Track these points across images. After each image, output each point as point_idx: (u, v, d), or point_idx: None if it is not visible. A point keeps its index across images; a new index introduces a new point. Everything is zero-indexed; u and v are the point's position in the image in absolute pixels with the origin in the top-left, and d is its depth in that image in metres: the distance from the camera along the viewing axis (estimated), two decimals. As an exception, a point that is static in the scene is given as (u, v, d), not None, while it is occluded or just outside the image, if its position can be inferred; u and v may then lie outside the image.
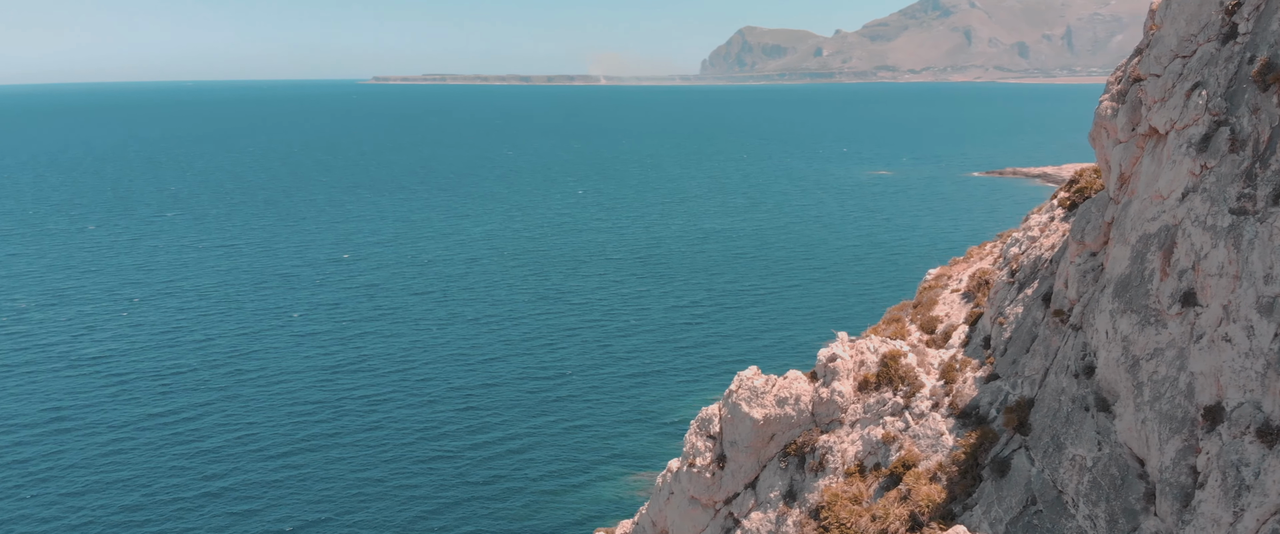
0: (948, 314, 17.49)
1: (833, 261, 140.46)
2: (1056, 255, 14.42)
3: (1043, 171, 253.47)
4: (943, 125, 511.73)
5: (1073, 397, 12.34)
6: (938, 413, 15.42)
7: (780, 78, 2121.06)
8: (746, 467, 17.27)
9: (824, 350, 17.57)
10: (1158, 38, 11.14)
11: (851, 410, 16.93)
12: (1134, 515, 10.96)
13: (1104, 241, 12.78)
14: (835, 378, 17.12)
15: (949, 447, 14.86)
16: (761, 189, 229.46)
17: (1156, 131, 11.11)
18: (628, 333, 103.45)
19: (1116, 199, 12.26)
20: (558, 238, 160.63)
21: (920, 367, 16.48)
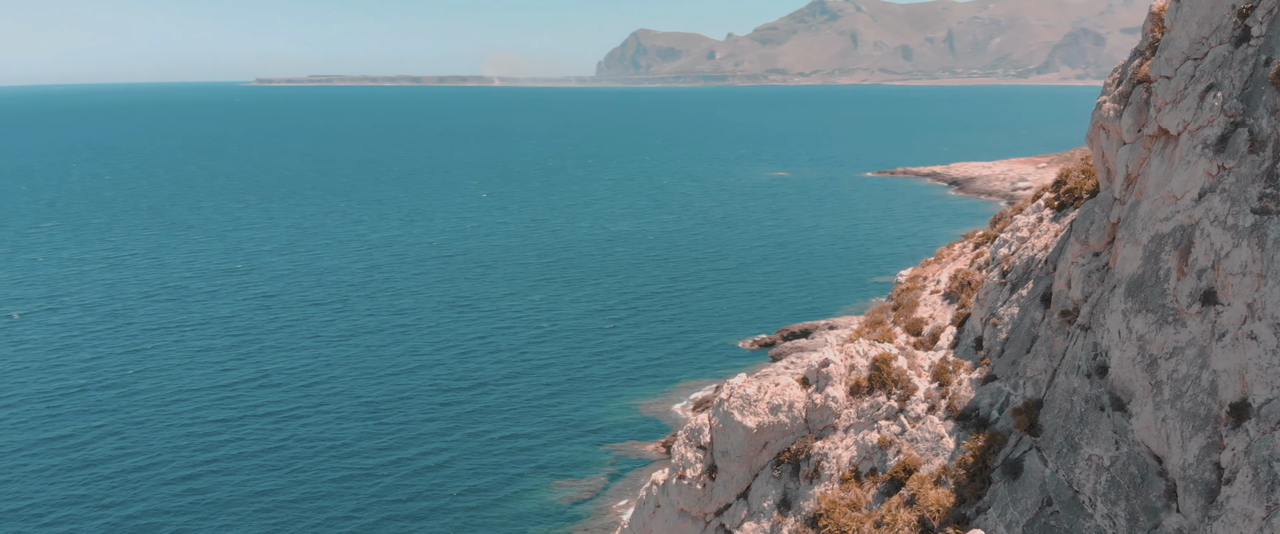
0: (932, 316, 17.52)
1: (741, 262, 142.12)
2: (1051, 256, 14.57)
3: (932, 170, 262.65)
4: (834, 127, 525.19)
5: (1085, 397, 12.41)
6: (935, 416, 15.39)
7: (675, 80, 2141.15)
8: (738, 476, 16.95)
9: (815, 355, 17.33)
10: (1168, 41, 11.29)
11: (845, 416, 16.77)
12: (1155, 513, 11.07)
13: (1108, 241, 12.92)
14: (829, 383, 16.93)
15: (950, 450, 14.82)
16: (665, 191, 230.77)
17: (1167, 133, 11.27)
18: (542, 339, 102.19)
19: (1122, 199, 12.40)
20: (462, 243, 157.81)
21: (912, 369, 16.42)
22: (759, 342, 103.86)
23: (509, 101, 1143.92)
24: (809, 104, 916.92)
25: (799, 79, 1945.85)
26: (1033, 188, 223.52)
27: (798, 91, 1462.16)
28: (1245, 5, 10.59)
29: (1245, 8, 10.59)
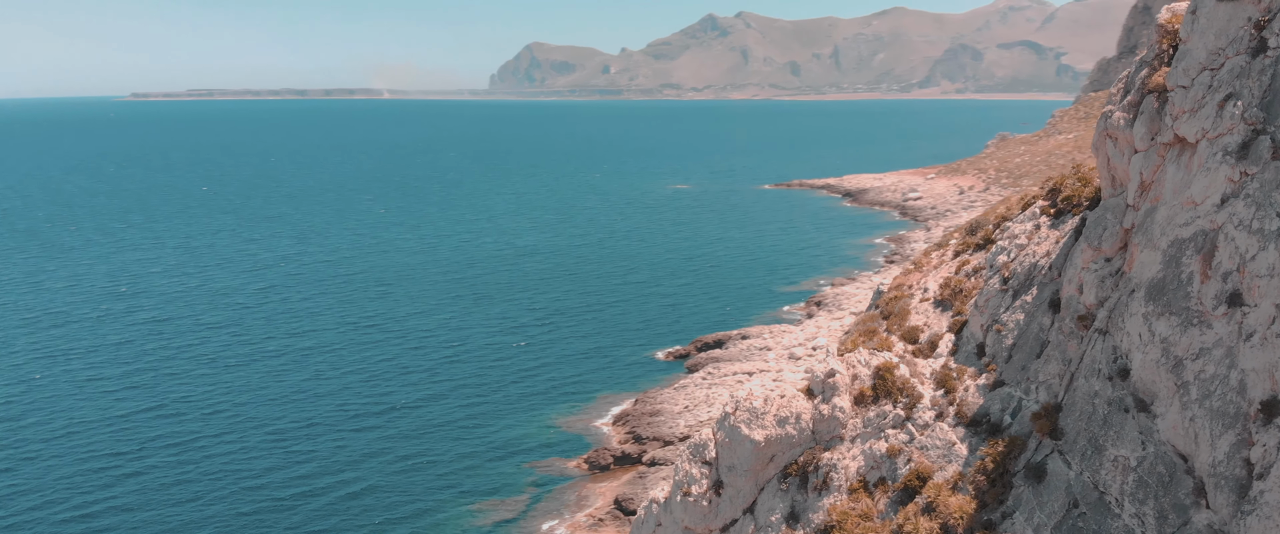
0: (927, 324, 17.70)
1: (651, 275, 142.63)
2: (1055, 262, 14.92)
3: (826, 183, 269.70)
4: (730, 140, 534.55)
5: (1108, 399, 12.69)
6: (944, 423, 15.51)
7: (571, 94, 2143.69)
8: (745, 491, 16.75)
9: (820, 365, 17.29)
10: (1185, 52, 11.72)
11: (851, 426, 16.76)
12: (1184, 510, 11.41)
13: (1120, 247, 13.29)
14: (835, 393, 16.89)
15: (964, 456, 14.95)
16: (569, 204, 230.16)
17: (1184, 140, 11.68)
18: (454, 359, 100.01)
19: (1136, 205, 12.79)
20: (361, 260, 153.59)
21: (914, 377, 16.58)
22: (674, 353, 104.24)
23: (401, 114, 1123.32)
24: (704, 118, 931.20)
25: (693, 93, 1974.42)
26: (922, 196, 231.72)
27: (692, 106, 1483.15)
28: (1261, 18, 11.10)
29: (1261, 20, 11.10)
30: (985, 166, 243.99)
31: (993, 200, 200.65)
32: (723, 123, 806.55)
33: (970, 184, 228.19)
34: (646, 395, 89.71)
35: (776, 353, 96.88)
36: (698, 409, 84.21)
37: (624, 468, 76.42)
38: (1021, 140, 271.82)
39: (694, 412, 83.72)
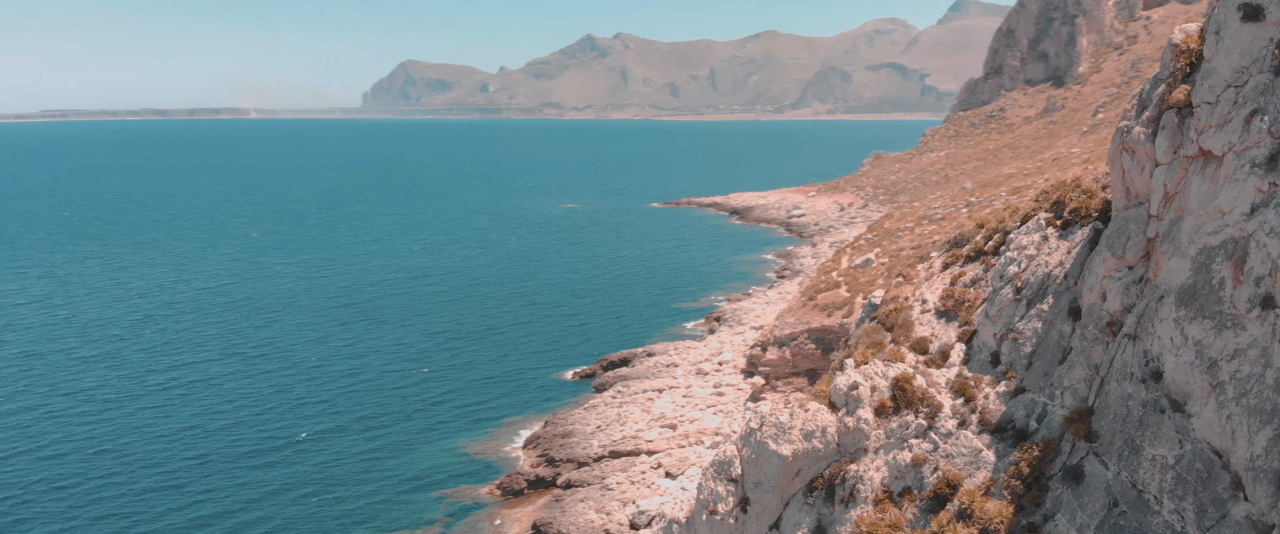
0: (934, 334, 18.01)
1: (550, 295, 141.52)
2: (1070, 271, 15.47)
3: (713, 201, 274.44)
4: (616, 159, 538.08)
5: (1142, 401, 13.21)
6: (967, 431, 15.78)
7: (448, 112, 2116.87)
8: (771, 507, 16.59)
9: (842, 379, 17.31)
10: (1209, 70, 12.43)
11: (874, 437, 16.89)
12: (1222, 504, 12.00)
13: (1143, 256, 13.92)
14: (859, 406, 16.96)
15: (991, 462, 15.27)
16: (457, 224, 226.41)
17: (1209, 153, 12.36)
18: (352, 388, 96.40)
19: (1160, 216, 13.43)
20: (242, 287, 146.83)
21: (931, 387, 16.83)
22: (580, 373, 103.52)
23: (269, 134, 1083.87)
24: (587, 137, 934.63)
25: (574, 113, 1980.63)
26: (805, 213, 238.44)
27: (574, 125, 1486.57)
28: (1282, 38, 11.94)
29: (1282, 40, 11.94)
30: (863, 184, 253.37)
31: (872, 216, 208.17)
32: (606, 142, 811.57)
33: (850, 201, 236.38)
34: (556, 417, 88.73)
35: (684, 369, 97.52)
36: (610, 429, 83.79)
37: (539, 492, 75.28)
38: (895, 158, 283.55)
39: (607, 431, 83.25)
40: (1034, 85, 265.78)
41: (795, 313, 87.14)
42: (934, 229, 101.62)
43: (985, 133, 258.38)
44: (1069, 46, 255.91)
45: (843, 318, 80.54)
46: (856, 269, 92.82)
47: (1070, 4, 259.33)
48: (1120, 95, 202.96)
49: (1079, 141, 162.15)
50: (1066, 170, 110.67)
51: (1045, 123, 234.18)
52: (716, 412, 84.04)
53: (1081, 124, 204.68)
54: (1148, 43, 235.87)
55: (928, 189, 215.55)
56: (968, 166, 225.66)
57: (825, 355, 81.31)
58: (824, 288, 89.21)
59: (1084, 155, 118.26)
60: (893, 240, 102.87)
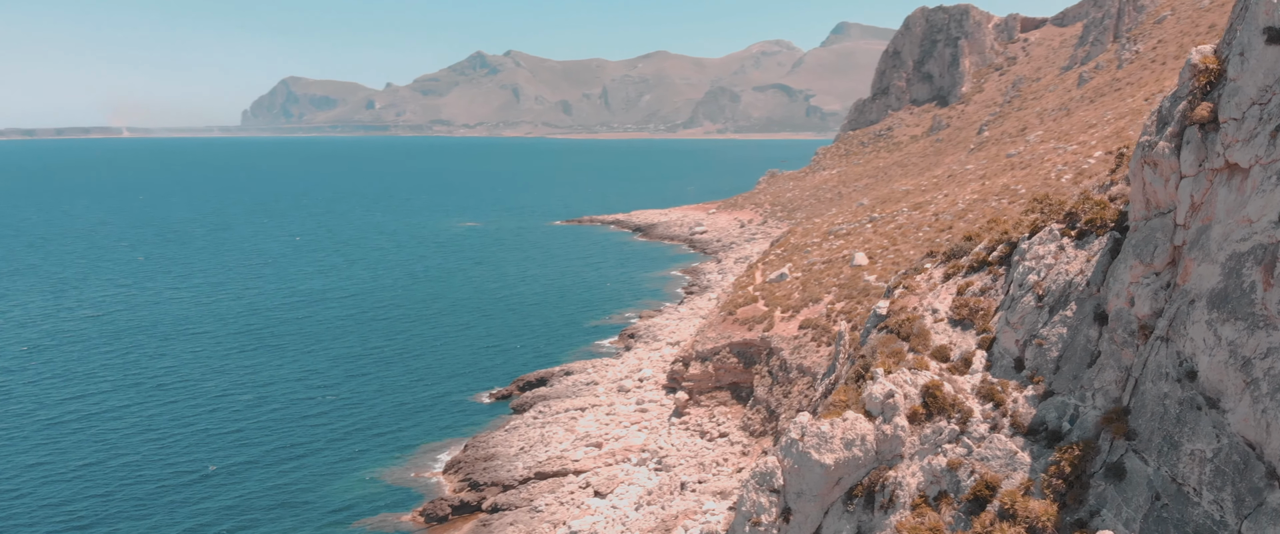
0: (952, 342, 18.51)
1: (458, 315, 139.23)
2: (1093, 278, 16.23)
3: (616, 218, 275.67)
4: (512, 177, 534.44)
5: (1179, 400, 14.00)
6: (1000, 434, 16.30)
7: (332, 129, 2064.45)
8: (812, 517, 16.70)
9: (877, 387, 17.61)
10: (1235, 89, 13.38)
11: (909, 443, 17.27)
12: (1258, 493, 12.87)
13: (1170, 262, 14.78)
14: (895, 413, 17.31)
15: (1027, 463, 15.84)
16: (354, 245, 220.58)
17: (1235, 166, 13.30)
18: (256, 417, 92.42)
19: (1186, 225, 14.32)
20: (130, 314, 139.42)
21: (958, 393, 17.31)
22: (496, 394, 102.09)
23: (144, 154, 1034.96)
24: (480, 155, 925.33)
25: (464, 130, 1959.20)
26: (708, 229, 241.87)
27: (465, 142, 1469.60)
28: (1304, 59, 12.97)
29: (1305, 61, 12.97)
30: (760, 201, 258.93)
31: (772, 232, 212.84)
32: (500, 159, 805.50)
33: (749, 217, 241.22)
34: (477, 440, 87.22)
35: (605, 386, 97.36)
36: (534, 449, 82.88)
37: (464, 517, 73.82)
38: (790, 176, 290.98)
39: (531, 452, 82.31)
40: (919, 105, 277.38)
41: (715, 328, 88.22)
42: (841, 244, 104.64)
43: (874, 151, 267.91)
44: (952, 68, 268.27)
45: (763, 331, 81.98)
46: (772, 283, 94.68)
47: (953, 27, 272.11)
48: (1003, 113, 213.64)
49: (969, 158, 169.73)
50: (964, 186, 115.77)
51: (932, 141, 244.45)
52: (641, 428, 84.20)
53: (967, 142, 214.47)
54: (1026, 63, 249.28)
55: (823, 205, 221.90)
56: (859, 184, 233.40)
57: (747, 369, 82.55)
58: (742, 303, 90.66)
59: (979, 172, 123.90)
60: (803, 255, 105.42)
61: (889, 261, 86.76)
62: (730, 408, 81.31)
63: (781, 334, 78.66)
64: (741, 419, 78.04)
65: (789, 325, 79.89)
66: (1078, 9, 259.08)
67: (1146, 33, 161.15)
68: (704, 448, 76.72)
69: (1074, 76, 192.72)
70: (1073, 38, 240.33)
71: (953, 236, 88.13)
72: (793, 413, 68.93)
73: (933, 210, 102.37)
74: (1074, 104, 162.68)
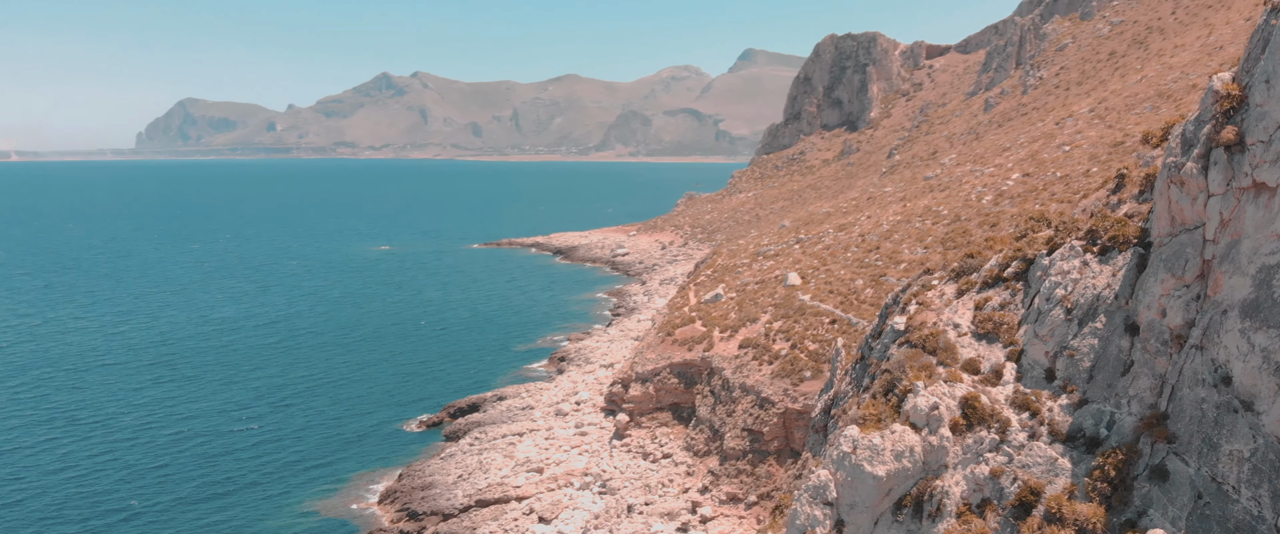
0: (980, 355, 19.16)
1: (380, 342, 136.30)
2: (1120, 292, 17.12)
3: (535, 241, 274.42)
4: (425, 200, 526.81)
5: (1216, 404, 14.93)
6: (1039, 442, 16.98)
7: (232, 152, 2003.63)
8: (863, 527, 16.95)
9: (923, 400, 18.05)
10: (1262, 113, 14.45)
11: (953, 453, 17.78)
12: (1294, 489, 13.90)
13: (1199, 275, 15.76)
14: (940, 424, 17.80)
15: (1068, 469, 16.57)
16: (265, 271, 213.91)
17: (1263, 185, 14.35)
18: (179, 451, 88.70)
19: (1216, 240, 15.32)
20: (34, 346, 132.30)
21: (994, 404, 17.91)
22: (427, 422, 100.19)
23: (34, 178, 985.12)
24: (387, 178, 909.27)
25: (370, 153, 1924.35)
26: (629, 251, 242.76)
27: (370, 165, 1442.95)
28: (1326, 86, 14.12)
29: (1325, 88, 14.12)
30: (680, 223, 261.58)
31: (693, 253, 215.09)
32: (410, 182, 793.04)
33: (670, 239, 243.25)
34: (412, 469, 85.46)
35: (541, 411, 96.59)
36: (474, 477, 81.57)
37: (406, 548, 72.32)
38: (707, 199, 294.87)
39: (470, 480, 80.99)
40: (830, 130, 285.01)
41: (655, 349, 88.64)
42: (772, 264, 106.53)
43: (789, 174, 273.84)
44: (861, 94, 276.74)
45: (703, 351, 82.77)
46: (707, 304, 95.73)
47: (861, 54, 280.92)
48: (912, 138, 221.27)
49: (883, 181, 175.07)
50: (885, 208, 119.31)
51: (843, 164, 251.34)
52: (582, 452, 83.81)
53: (879, 165, 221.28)
54: (932, 89, 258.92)
55: (741, 227, 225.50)
56: (776, 206, 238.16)
57: (688, 389, 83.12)
58: (680, 323, 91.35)
59: (899, 194, 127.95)
60: (735, 276, 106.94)
61: (821, 281, 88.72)
62: (672, 428, 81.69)
63: (722, 354, 79.55)
64: (684, 439, 78.48)
65: (729, 345, 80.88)
66: (980, 37, 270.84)
67: (1049, 60, 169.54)
68: (648, 469, 76.84)
69: (980, 102, 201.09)
70: (976, 64, 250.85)
71: (881, 256, 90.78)
72: (738, 431, 69.74)
73: (857, 231, 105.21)
74: (983, 128, 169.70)
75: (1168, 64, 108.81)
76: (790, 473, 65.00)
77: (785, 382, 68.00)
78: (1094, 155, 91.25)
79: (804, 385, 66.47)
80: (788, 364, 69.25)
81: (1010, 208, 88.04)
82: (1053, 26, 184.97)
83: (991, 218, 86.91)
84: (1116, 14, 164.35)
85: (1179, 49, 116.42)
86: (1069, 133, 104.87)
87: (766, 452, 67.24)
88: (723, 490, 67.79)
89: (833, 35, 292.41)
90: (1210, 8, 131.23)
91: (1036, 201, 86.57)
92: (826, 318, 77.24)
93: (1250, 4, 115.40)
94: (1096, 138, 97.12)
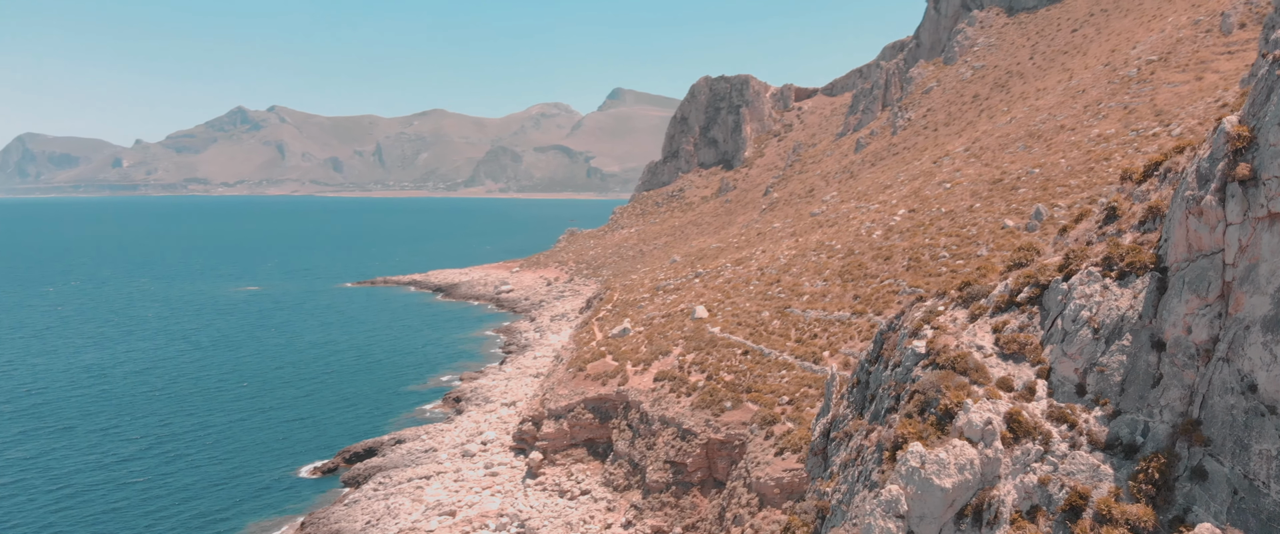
0: (1010, 374, 20.45)
1: (261, 387, 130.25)
2: (1144, 312, 18.79)
3: (413, 278, 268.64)
4: (288, 237, 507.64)
5: (1245, 409, 16.67)
6: (1080, 451, 18.32)
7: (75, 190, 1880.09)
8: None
9: (976, 415, 19.06)
10: (1276, 152, 16.47)
11: (1005, 464, 18.88)
12: (1317, 482, 15.76)
13: (1220, 296, 17.59)
14: (994, 438, 18.87)
15: (1110, 474, 17.97)
16: (127, 314, 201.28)
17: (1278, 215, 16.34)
18: (59, 508, 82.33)
19: (1235, 264, 17.19)
20: None
21: (1034, 418, 19.15)
22: (321, 468, 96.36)
23: None
24: (245, 215, 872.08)
25: (223, 189, 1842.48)
26: (514, 288, 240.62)
27: (225, 202, 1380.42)
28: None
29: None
30: (564, 259, 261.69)
31: (580, 289, 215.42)
32: (269, 220, 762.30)
33: (555, 275, 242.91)
34: (314, 517, 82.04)
35: (446, 452, 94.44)
36: (382, 523, 78.85)
37: (317, 599, 69.33)
38: (590, 235, 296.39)
39: (379, 527, 78.26)
40: (707, 168, 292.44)
41: (566, 385, 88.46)
42: (674, 298, 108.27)
43: (669, 210, 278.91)
44: (735, 133, 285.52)
45: (618, 385, 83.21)
46: (616, 339, 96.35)
47: (734, 95, 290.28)
48: (786, 176, 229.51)
49: (766, 217, 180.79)
50: (778, 243, 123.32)
51: (721, 201, 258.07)
52: (495, 493, 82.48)
53: (757, 202, 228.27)
54: (802, 130, 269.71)
55: (626, 262, 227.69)
56: (659, 241, 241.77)
57: (603, 424, 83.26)
58: (590, 358, 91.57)
59: (789, 230, 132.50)
60: (638, 310, 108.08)
61: (728, 314, 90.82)
62: (588, 464, 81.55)
63: (637, 387, 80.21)
64: (602, 475, 78.49)
65: (644, 378, 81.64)
66: (845, 80, 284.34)
67: (917, 102, 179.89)
68: (567, 507, 76.36)
69: (851, 142, 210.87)
70: (843, 106, 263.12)
71: (783, 288, 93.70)
72: (661, 464, 70.30)
73: (756, 265, 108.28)
74: (856, 167, 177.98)
75: (1034, 106, 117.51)
76: (715, 503, 66.13)
77: (706, 412, 69.21)
78: (975, 192, 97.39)
79: (725, 416, 67.84)
80: (707, 395, 70.54)
81: (901, 242, 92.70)
82: (918, 71, 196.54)
83: (884, 251, 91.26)
84: (978, 59, 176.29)
85: (1042, 92, 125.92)
86: (948, 171, 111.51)
87: (690, 483, 68.11)
88: (648, 524, 68.14)
89: (707, 77, 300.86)
90: (1066, 53, 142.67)
91: (925, 236, 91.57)
92: (738, 349, 79.15)
93: (1106, 49, 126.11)
94: (975, 175, 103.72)
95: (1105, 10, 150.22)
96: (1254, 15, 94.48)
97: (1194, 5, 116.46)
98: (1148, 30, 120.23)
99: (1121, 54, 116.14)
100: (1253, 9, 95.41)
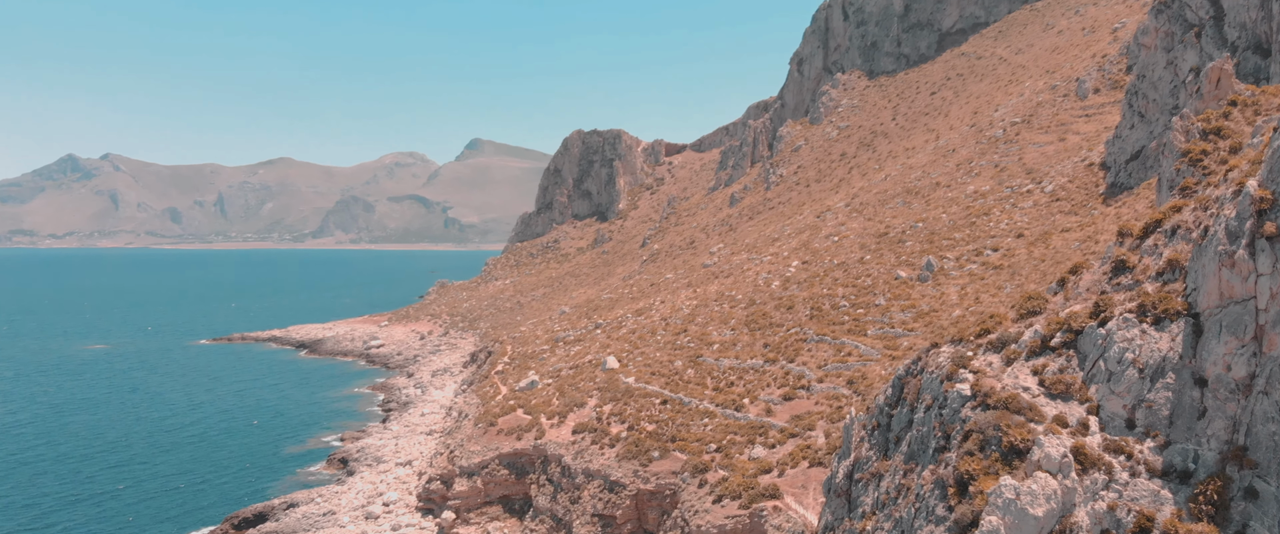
0: (1063, 412, 22.22)
1: (129, 453, 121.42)
2: (1183, 353, 21.04)
3: (272, 335, 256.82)
4: (128, 292, 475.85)
5: (1284, 435, 19.15)
6: (1140, 478, 20.18)
7: None
8: (1023, 563, 18.89)
9: (1053, 449, 20.55)
10: (1298, 207, 19.27)
11: (1078, 493, 20.46)
12: (1352, 497, 18.23)
13: (1253, 337, 20.03)
14: (1071, 469, 20.42)
15: (1170, 498, 19.89)
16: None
17: (1302, 265, 19.09)
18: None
19: (1268, 309, 19.69)
20: None
21: (1096, 451, 20.90)
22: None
23: None
24: (77, 269, 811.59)
25: (51, 241, 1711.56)
26: (384, 342, 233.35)
27: (54, 255, 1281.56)
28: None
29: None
30: (437, 312, 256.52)
31: (457, 343, 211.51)
32: (103, 274, 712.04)
33: (428, 329, 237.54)
34: (210, 589, 77.21)
35: (348, 516, 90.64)
36: (288, 591, 75.10)
37: None
38: (462, 287, 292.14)
39: (286, 595, 74.49)
40: (581, 219, 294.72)
41: (478, 441, 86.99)
42: (579, 349, 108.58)
43: (545, 262, 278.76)
44: (609, 186, 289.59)
45: (534, 439, 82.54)
46: (524, 392, 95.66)
47: (607, 149, 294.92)
48: (662, 229, 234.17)
49: (648, 268, 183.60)
50: (676, 293, 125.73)
51: (598, 252, 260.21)
52: (408, 553, 79.93)
53: (634, 253, 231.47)
54: (673, 184, 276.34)
55: (504, 314, 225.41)
56: (537, 293, 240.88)
57: (520, 480, 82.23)
58: (500, 413, 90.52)
59: (684, 280, 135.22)
60: (541, 362, 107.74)
61: (640, 364, 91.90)
62: (505, 522, 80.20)
63: (556, 440, 79.84)
64: (521, 532, 77.36)
65: (561, 431, 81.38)
66: (712, 137, 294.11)
67: (787, 159, 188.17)
68: (488, 565, 74.83)
69: (723, 196, 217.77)
70: (712, 162, 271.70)
71: (691, 338, 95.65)
72: (588, 517, 70.09)
73: (658, 315, 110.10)
74: (734, 220, 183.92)
75: (908, 164, 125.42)
76: (647, 553, 66.36)
77: (634, 463, 69.70)
78: (864, 245, 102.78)
79: (654, 466, 68.50)
80: (633, 446, 71.08)
81: (800, 292, 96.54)
82: (787, 129, 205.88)
83: (785, 301, 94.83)
84: (843, 119, 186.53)
85: (911, 151, 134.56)
86: (832, 225, 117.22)
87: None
88: (578, 578, 67.62)
89: (580, 131, 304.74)
90: (928, 115, 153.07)
91: (822, 286, 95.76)
92: (656, 399, 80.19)
93: (969, 111, 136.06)
94: (861, 229, 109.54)
95: (961, 75, 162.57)
96: (1107, 81, 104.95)
97: (1048, 72, 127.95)
98: (1006, 94, 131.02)
99: (985, 116, 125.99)
100: (1105, 76, 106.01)
